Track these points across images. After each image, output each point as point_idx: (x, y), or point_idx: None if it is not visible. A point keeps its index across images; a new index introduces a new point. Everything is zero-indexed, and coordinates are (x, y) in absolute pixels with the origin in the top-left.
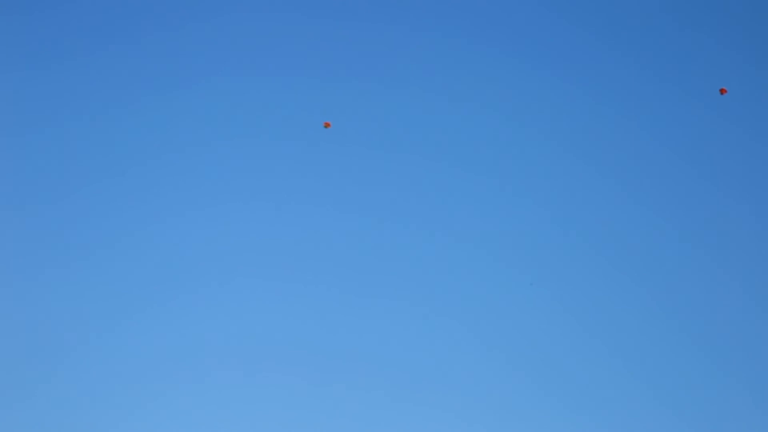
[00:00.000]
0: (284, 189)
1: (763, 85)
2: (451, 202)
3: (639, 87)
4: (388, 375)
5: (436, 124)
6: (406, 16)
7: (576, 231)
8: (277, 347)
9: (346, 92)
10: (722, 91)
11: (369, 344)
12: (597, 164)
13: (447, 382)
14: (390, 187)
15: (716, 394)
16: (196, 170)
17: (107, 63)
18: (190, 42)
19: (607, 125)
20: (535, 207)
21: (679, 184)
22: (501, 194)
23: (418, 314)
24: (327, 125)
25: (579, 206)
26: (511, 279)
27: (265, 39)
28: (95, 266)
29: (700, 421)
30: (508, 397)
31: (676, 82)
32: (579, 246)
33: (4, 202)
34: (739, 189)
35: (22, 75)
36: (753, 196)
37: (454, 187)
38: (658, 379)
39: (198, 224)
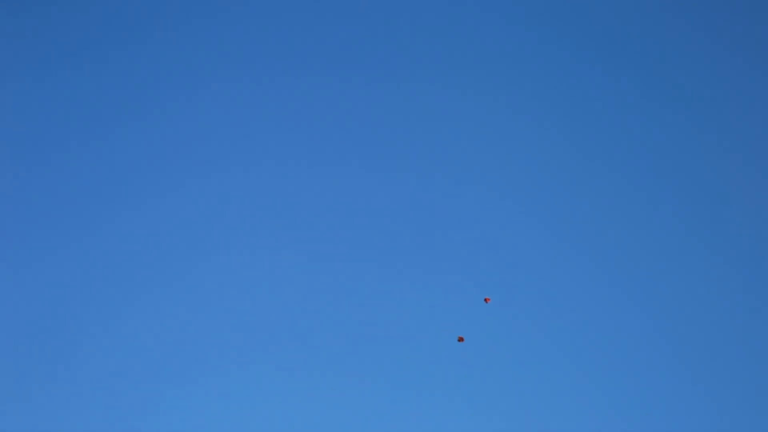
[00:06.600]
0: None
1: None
2: (450, 206)
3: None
4: (390, 374)
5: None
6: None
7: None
8: (277, 344)
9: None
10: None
11: (370, 344)
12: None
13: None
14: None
15: (716, 395)
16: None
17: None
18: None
19: (608, 126)
20: (536, 208)
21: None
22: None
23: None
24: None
25: (580, 207)
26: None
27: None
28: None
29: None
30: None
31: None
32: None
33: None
34: (740, 191)
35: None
36: (754, 200)
37: (455, 191)
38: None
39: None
